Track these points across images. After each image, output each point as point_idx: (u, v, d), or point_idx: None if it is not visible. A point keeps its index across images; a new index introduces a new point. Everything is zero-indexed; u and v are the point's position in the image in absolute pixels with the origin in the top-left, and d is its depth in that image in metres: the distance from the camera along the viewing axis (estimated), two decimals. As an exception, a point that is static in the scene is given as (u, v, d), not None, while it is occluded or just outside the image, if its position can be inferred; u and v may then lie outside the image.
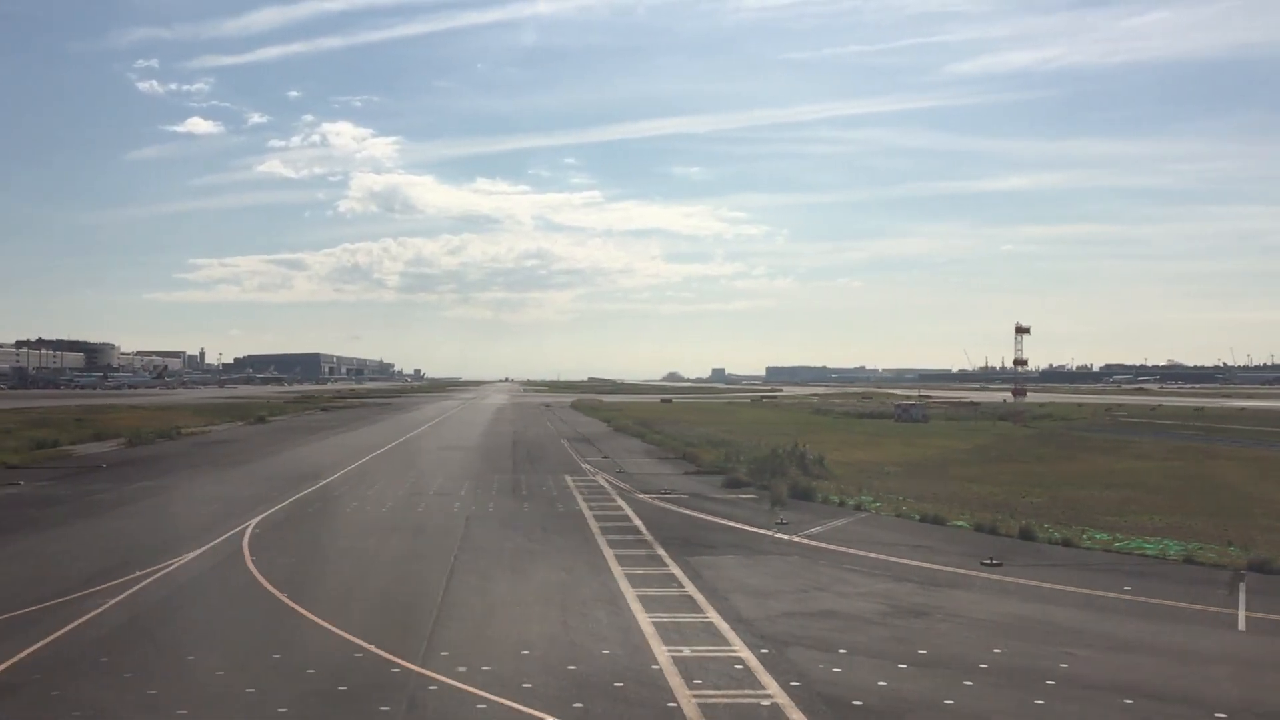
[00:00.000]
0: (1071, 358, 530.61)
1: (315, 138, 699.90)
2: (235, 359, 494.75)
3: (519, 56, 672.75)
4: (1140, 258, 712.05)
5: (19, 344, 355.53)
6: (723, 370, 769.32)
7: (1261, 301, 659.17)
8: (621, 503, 36.16)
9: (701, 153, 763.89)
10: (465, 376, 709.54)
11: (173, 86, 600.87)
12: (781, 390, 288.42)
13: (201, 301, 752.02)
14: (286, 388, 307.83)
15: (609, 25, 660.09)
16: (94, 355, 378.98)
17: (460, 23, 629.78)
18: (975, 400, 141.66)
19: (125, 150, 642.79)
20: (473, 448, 64.26)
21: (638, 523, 31.18)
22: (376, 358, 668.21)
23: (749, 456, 48.00)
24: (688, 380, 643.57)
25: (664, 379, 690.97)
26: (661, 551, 26.04)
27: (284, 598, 20.57)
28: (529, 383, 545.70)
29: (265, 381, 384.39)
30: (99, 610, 19.28)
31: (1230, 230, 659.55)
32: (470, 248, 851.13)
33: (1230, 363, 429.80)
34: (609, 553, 25.91)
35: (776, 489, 36.84)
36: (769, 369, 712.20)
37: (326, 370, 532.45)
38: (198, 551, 25.78)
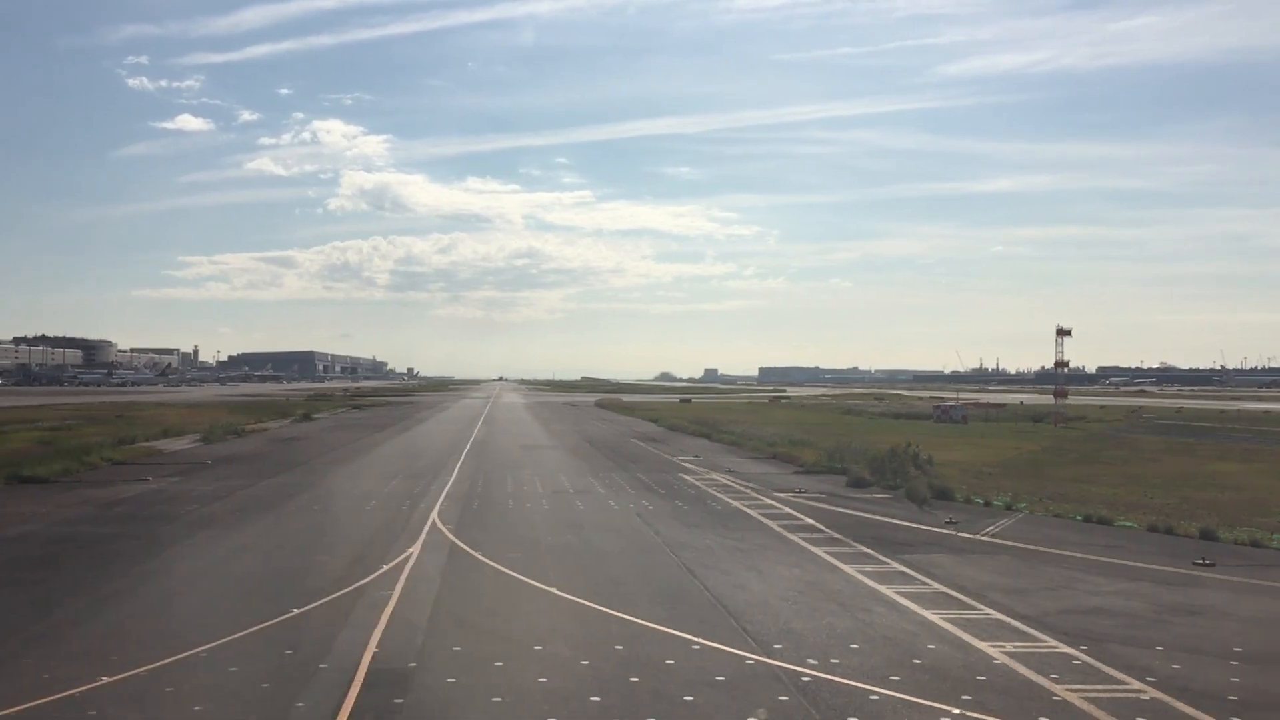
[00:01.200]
0: (1077, 358, 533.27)
1: (306, 135, 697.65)
2: (229, 357, 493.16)
3: (510, 56, 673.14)
4: (1129, 260, 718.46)
5: (17, 340, 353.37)
6: (715, 370, 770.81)
7: (1252, 303, 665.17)
8: (770, 501, 36.64)
9: (692, 153, 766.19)
10: (457, 375, 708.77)
11: (163, 83, 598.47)
12: (786, 391, 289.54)
13: (191, 299, 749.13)
14: (286, 385, 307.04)
15: (600, 25, 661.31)
16: (92, 352, 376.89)
17: (451, 22, 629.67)
18: (1000, 402, 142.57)
19: (115, 147, 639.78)
20: (555, 446, 64.72)
21: (810, 520, 31.66)
22: (369, 356, 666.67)
23: (858, 456, 48.47)
24: (680, 380, 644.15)
25: (656, 379, 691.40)
26: (869, 549, 26.48)
27: (555, 590, 20.94)
28: (524, 381, 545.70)
29: (263, 379, 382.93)
30: (390, 609, 19.55)
31: (1219, 233, 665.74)
32: (461, 246, 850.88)
33: (1224, 365, 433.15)
34: (816, 550, 26.35)
35: (917, 489, 37.32)
36: (762, 369, 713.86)
37: (321, 368, 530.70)
38: (414, 547, 26.05)
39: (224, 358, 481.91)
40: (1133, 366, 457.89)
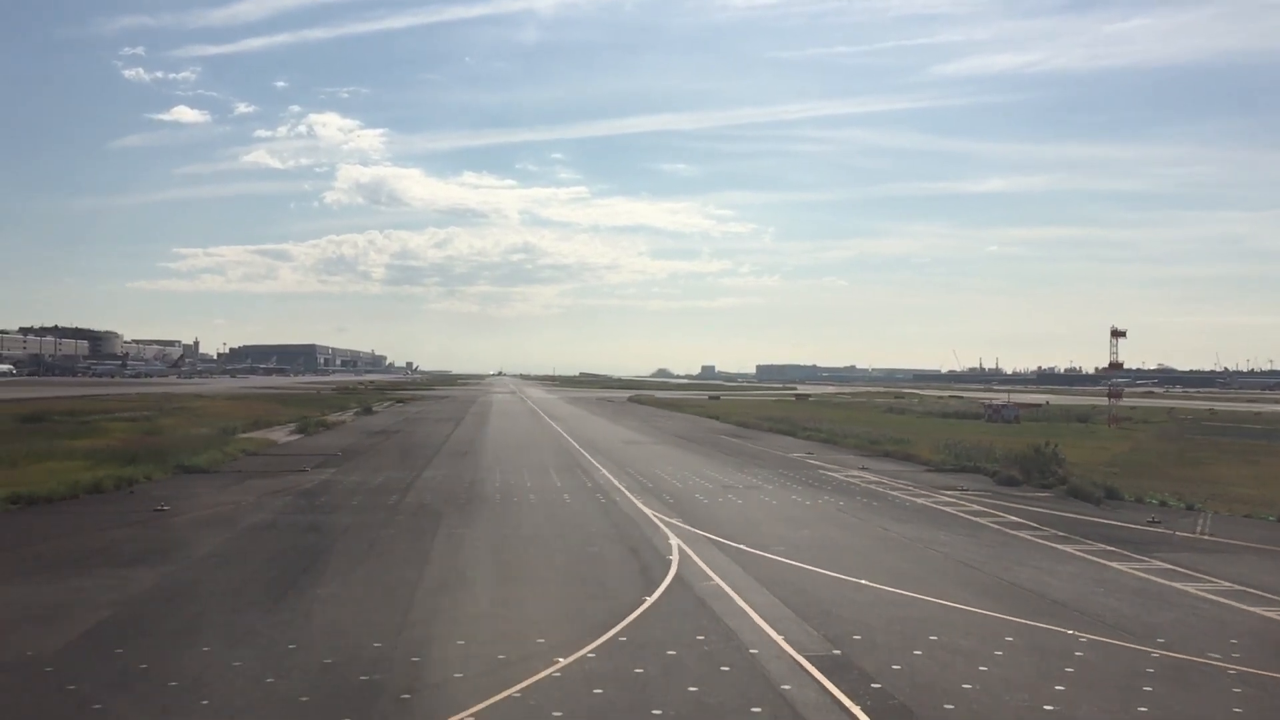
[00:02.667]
0: (1071, 360, 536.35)
1: (302, 128, 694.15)
2: (231, 349, 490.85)
3: (508, 51, 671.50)
4: (1125, 261, 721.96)
5: (24, 330, 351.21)
6: (713, 368, 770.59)
7: (1247, 305, 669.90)
8: (947, 498, 37.38)
9: (688, 150, 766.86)
10: (454, 370, 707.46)
11: (159, 75, 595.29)
12: (797, 388, 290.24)
13: (186, 291, 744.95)
14: (294, 379, 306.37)
15: (597, 21, 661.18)
16: (98, 343, 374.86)
17: (449, 16, 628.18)
18: (1036, 402, 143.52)
19: (110, 139, 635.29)
20: (653, 441, 65.71)
21: (1015, 518, 32.36)
22: (368, 350, 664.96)
23: (983, 455, 49.23)
24: (678, 377, 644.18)
25: (653, 375, 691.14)
26: (1111, 547, 27.15)
27: (874, 584, 21.57)
28: (524, 377, 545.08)
29: (268, 372, 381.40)
30: (744, 601, 20.20)
31: (1212, 235, 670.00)
32: (456, 241, 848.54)
33: (1222, 367, 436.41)
34: (1063, 548, 27.04)
35: (1085, 488, 38.07)
36: (759, 367, 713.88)
37: (322, 361, 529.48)
38: (675, 538, 26.66)
39: (225, 350, 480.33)
40: (1134, 368, 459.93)
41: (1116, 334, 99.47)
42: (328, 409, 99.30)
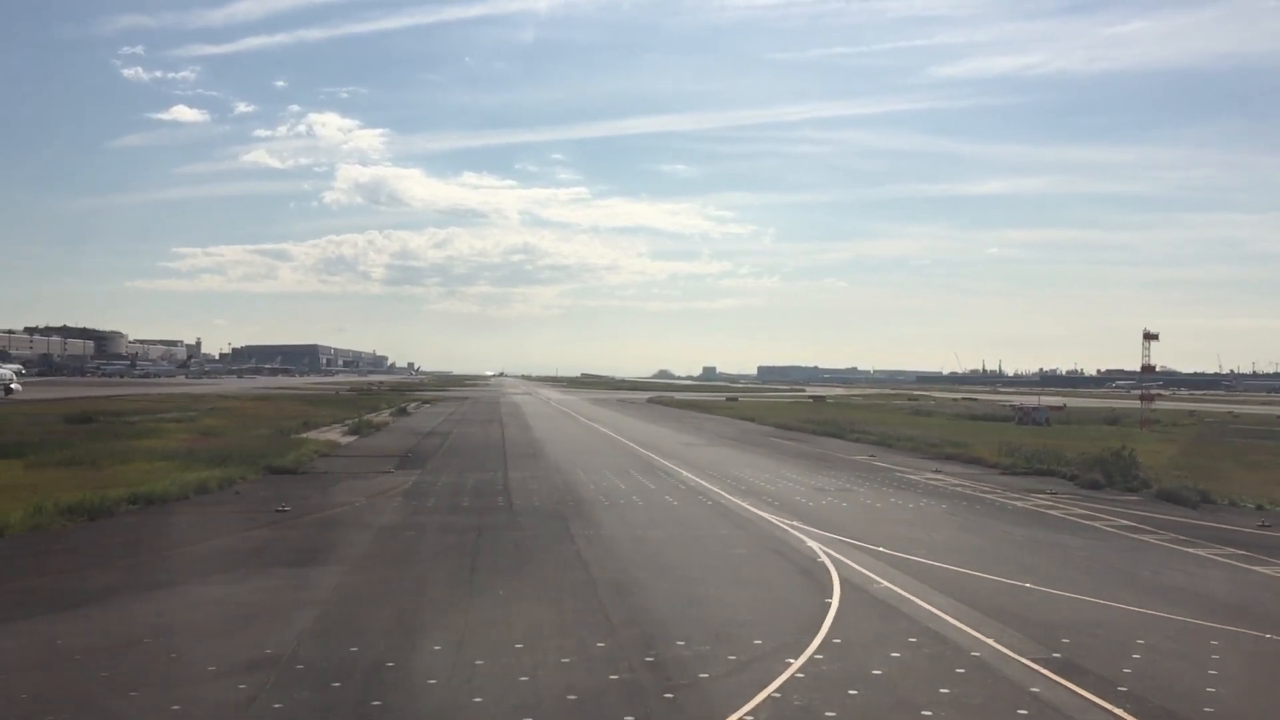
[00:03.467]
0: (1075, 362, 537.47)
1: (301, 128, 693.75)
2: (234, 349, 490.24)
3: (507, 52, 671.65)
4: (1124, 264, 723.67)
5: (29, 330, 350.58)
6: (714, 369, 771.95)
7: (1246, 308, 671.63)
8: (1044, 501, 37.70)
9: (688, 151, 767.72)
10: (456, 370, 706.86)
11: (158, 74, 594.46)
12: (805, 389, 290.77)
13: (185, 291, 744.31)
14: (300, 379, 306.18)
15: (597, 22, 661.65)
16: (103, 343, 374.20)
17: (449, 17, 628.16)
18: (1057, 405, 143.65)
19: (110, 138, 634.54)
20: (707, 443, 65.79)
21: (1124, 521, 32.64)
22: (370, 350, 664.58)
23: (1053, 458, 49.51)
24: (679, 378, 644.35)
25: (654, 376, 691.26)
26: (1243, 551, 27.42)
27: (1028, 585, 21.82)
28: (526, 377, 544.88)
29: (274, 373, 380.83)
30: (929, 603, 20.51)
31: (1212, 238, 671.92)
32: (456, 241, 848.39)
33: (1228, 369, 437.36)
34: (1194, 551, 27.31)
35: (1179, 491, 38.37)
36: (760, 368, 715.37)
37: (325, 362, 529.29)
38: (813, 542, 26.94)
39: (228, 350, 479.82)
40: (1137, 370, 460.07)
41: (1149, 337, 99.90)
42: (362, 410, 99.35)
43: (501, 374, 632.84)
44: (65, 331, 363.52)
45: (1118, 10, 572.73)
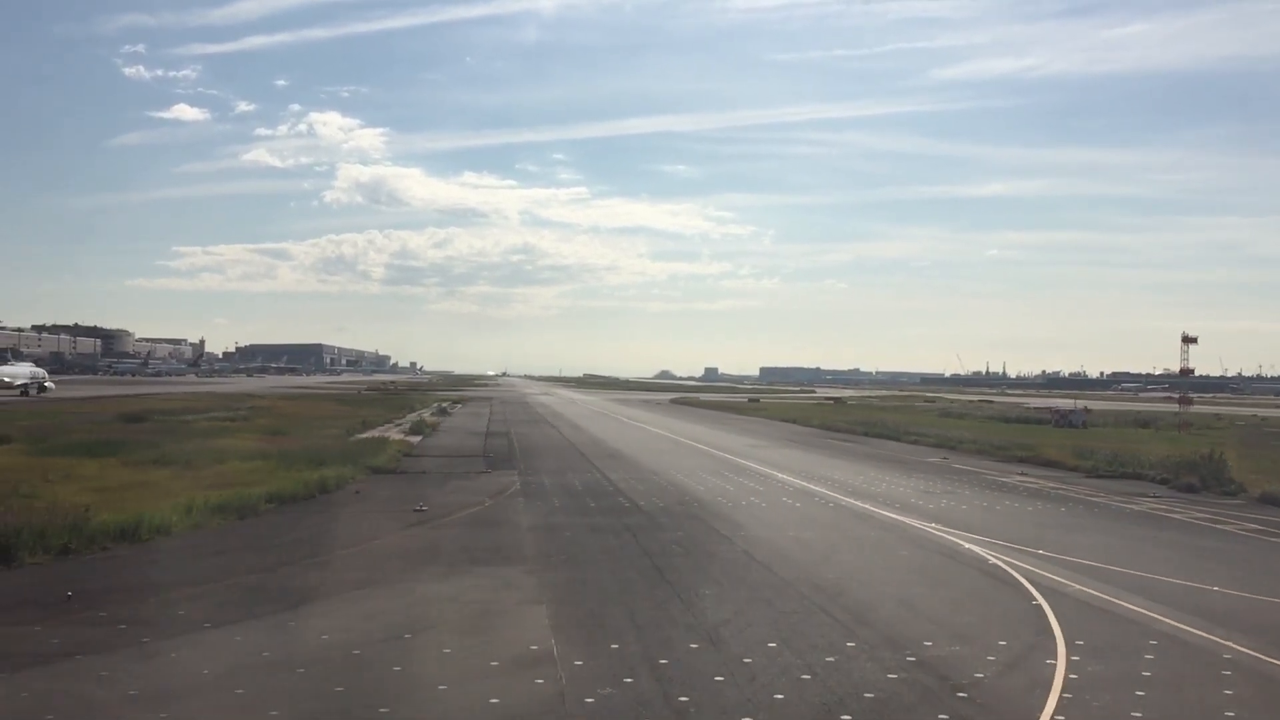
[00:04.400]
0: (1077, 364, 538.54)
1: (302, 127, 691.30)
2: (239, 348, 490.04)
3: (508, 51, 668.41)
4: (1123, 266, 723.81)
5: (36, 328, 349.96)
6: (715, 370, 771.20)
7: (1245, 311, 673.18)
8: (1154, 505, 37.93)
9: (688, 151, 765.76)
10: (457, 370, 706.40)
11: (159, 73, 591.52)
12: (815, 390, 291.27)
13: (184, 289, 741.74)
14: (308, 378, 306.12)
15: (598, 23, 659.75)
16: (110, 341, 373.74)
17: (450, 17, 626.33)
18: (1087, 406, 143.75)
19: (110, 136, 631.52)
20: (770, 445, 65.77)
21: (1254, 526, 32.88)
22: (372, 350, 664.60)
23: (1135, 461, 49.77)
24: (681, 379, 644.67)
25: (656, 377, 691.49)
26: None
27: (1248, 595, 22.04)
28: (529, 377, 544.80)
29: (281, 372, 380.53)
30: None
31: (1211, 241, 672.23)
32: (456, 241, 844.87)
33: (1235, 372, 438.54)
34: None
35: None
36: (762, 369, 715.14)
37: (329, 361, 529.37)
38: (975, 544, 27.12)
39: (234, 349, 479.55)
40: (1144, 373, 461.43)
41: (1188, 340, 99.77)
42: (398, 410, 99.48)
43: (504, 374, 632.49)
44: (74, 330, 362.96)
45: (1117, 13, 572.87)
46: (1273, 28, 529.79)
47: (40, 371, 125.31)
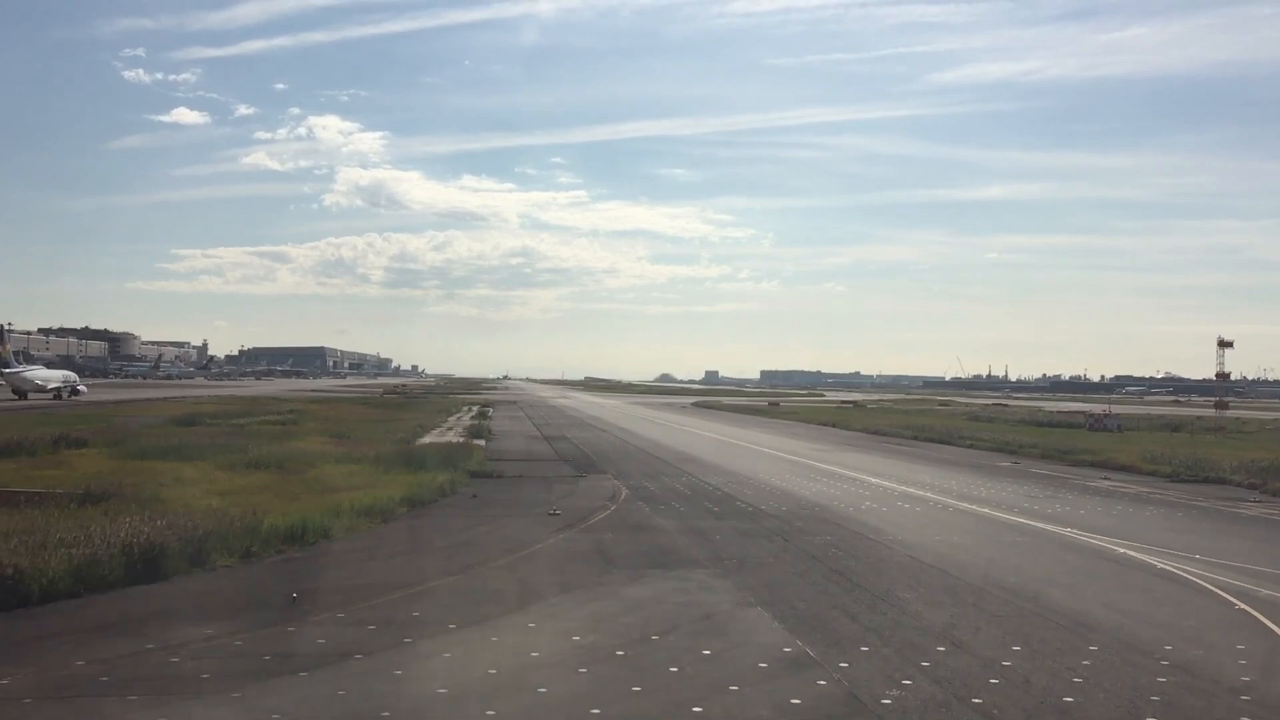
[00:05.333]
0: (1078, 367, 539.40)
1: (301, 131, 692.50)
2: (241, 351, 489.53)
3: (507, 55, 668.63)
4: (1122, 270, 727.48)
5: (43, 331, 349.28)
6: (716, 373, 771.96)
7: (1244, 315, 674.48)
8: (1259, 510, 38.13)
9: (687, 155, 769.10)
10: (458, 373, 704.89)
11: (159, 76, 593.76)
12: (824, 395, 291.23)
13: (184, 292, 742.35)
14: (314, 382, 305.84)
15: (596, 26, 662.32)
16: (116, 344, 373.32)
17: (448, 20, 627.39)
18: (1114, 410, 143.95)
19: (110, 139, 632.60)
20: (849, 449, 66.00)
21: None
22: (374, 353, 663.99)
23: (1214, 466, 50.07)
24: (682, 382, 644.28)
25: (656, 380, 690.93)
26: None
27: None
28: (530, 380, 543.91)
29: (286, 375, 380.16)
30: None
31: (1210, 244, 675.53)
32: (456, 244, 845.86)
33: (1242, 376, 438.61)
34: None
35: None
36: (764, 373, 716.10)
37: (331, 364, 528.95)
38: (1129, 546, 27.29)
39: (237, 352, 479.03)
40: (1147, 376, 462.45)
41: (1224, 344, 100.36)
42: (439, 413, 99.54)
43: (505, 377, 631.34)
44: (80, 333, 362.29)
45: (1114, 17, 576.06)
46: (1269, 32, 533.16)
47: (72, 376, 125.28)
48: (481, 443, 62.68)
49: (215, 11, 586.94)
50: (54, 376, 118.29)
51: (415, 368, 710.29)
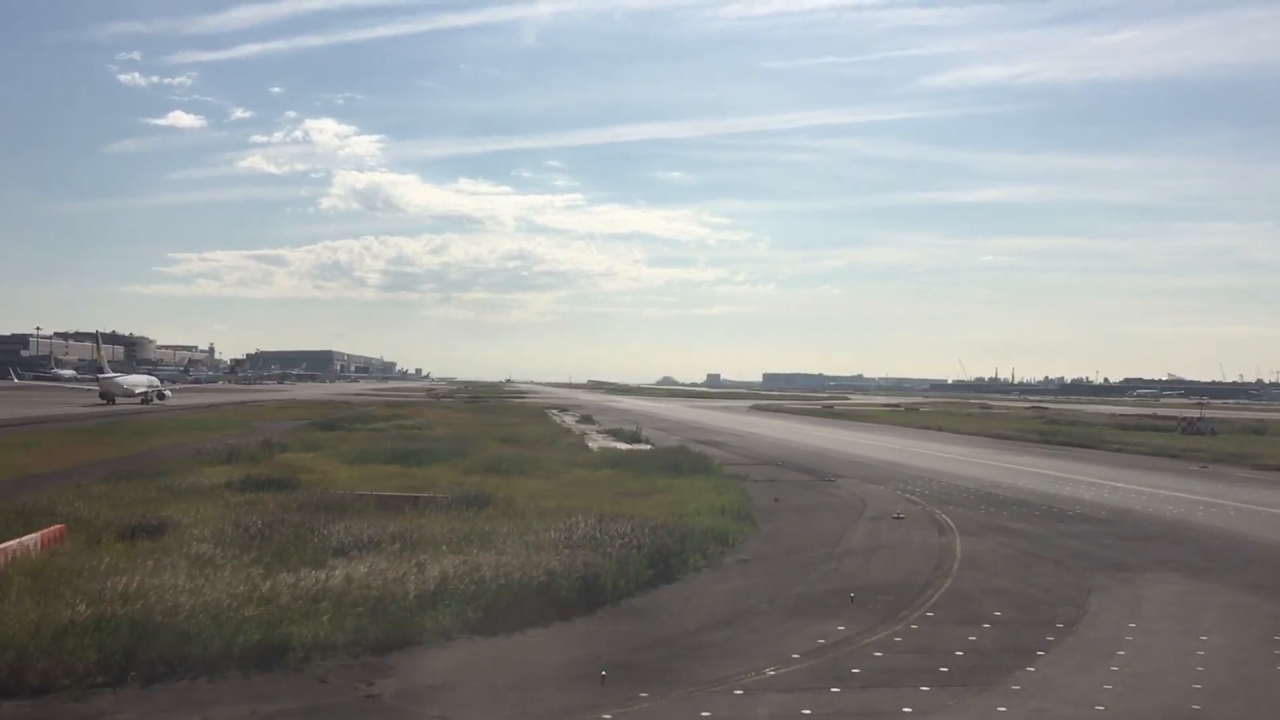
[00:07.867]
0: (1078, 369, 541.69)
1: (298, 134, 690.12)
2: (248, 355, 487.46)
3: (503, 59, 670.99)
4: (1117, 272, 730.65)
5: (59, 335, 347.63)
6: (718, 375, 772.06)
7: (1242, 317, 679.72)
8: None
9: (683, 158, 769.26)
10: (459, 377, 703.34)
11: (155, 80, 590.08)
12: (850, 398, 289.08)
13: (180, 295, 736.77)
14: (330, 385, 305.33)
15: (592, 30, 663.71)
16: (132, 348, 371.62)
17: (444, 24, 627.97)
18: (1167, 413, 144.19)
19: (106, 142, 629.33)
20: (1001, 451, 66.45)
21: None
22: (378, 356, 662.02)
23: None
24: (684, 385, 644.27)
25: (658, 383, 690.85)
26: None
27: None
28: (533, 384, 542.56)
29: (301, 379, 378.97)
30: None
31: (1205, 246, 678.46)
32: (452, 247, 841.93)
33: (1233, 379, 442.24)
34: None
35: None
36: (766, 375, 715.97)
37: (338, 367, 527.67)
38: None
39: (239, 355, 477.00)
40: (1159, 379, 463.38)
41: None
42: (535, 418, 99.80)
43: (508, 380, 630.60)
44: (95, 337, 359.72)
45: (1107, 20, 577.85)
46: (1260, 35, 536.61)
47: (156, 381, 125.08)
48: (645, 448, 62.31)
49: (210, 15, 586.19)
50: (141, 382, 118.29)
51: (419, 371, 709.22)
